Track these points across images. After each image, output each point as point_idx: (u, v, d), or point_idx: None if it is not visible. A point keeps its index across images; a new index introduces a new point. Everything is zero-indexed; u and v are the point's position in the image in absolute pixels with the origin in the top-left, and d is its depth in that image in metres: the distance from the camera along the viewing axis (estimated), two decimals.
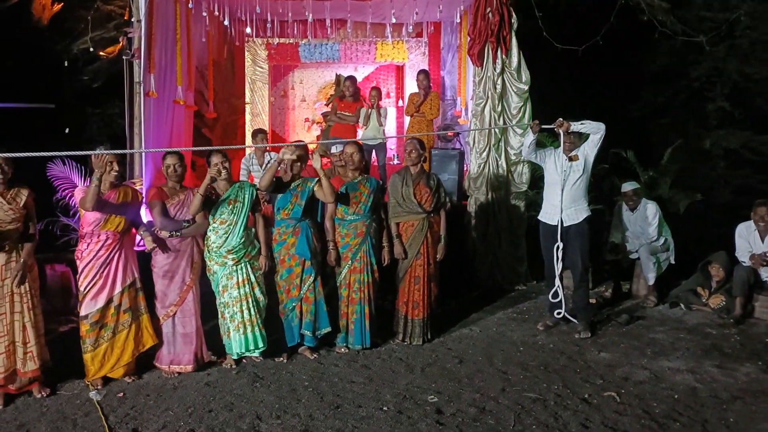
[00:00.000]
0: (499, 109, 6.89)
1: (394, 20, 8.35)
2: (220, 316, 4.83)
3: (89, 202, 4.25)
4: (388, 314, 5.46)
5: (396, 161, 9.45)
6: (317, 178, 4.95)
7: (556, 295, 5.58)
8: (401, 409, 4.05)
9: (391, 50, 10.00)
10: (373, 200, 5.12)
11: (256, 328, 4.81)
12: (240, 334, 4.76)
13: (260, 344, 4.83)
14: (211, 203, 4.69)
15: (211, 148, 7.33)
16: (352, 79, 8.19)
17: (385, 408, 4.07)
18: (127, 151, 6.55)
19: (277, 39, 9.63)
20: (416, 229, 5.23)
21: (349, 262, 5.08)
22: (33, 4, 9.41)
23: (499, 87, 6.85)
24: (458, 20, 8.35)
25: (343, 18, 8.45)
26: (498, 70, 6.81)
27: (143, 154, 6.77)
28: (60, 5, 9.56)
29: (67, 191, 6.19)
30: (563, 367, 4.81)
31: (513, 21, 6.80)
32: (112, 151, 4.46)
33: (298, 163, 4.90)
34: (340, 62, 10.13)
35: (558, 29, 8.42)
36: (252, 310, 4.80)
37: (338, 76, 9.06)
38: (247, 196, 4.79)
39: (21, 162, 4.12)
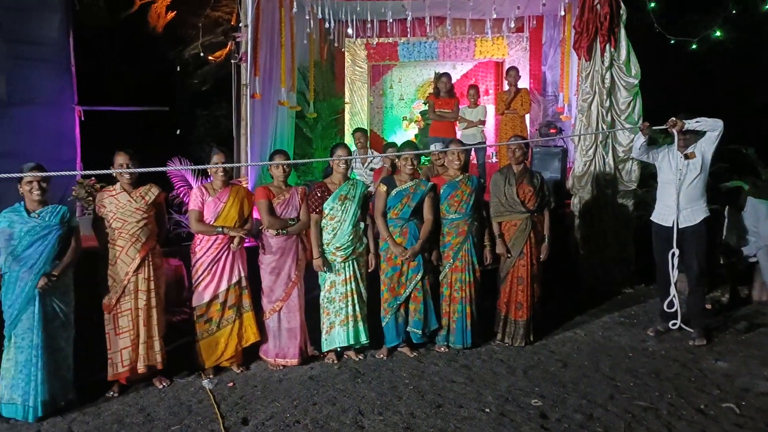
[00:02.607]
0: (607, 104, 6.61)
1: (494, 16, 8.22)
2: (322, 311, 4.93)
3: (198, 232, 4.64)
4: (488, 314, 5.38)
5: (494, 159, 9.32)
6: (432, 183, 5.02)
7: (671, 304, 5.27)
8: (504, 412, 3.98)
9: (491, 47, 9.85)
10: (474, 199, 5.06)
11: (360, 323, 4.89)
12: (345, 329, 4.85)
13: (363, 338, 4.92)
14: (322, 200, 4.83)
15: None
16: (447, 75, 8.16)
17: (487, 410, 4.02)
18: (235, 164, 6.82)
19: (376, 39, 9.72)
20: (519, 229, 5.13)
21: (451, 261, 5.05)
22: (149, 14, 10.00)
23: (607, 81, 6.57)
24: (562, 14, 8.11)
25: (443, 15, 8.41)
26: (606, 64, 6.54)
27: (249, 153, 7.06)
28: (173, 13, 10.10)
29: (181, 189, 6.49)
30: (676, 375, 4.56)
31: (622, 12, 6.52)
32: (226, 165, 4.73)
33: (410, 166, 4.93)
34: (438, 60, 10.10)
35: (669, 20, 8.02)
36: (357, 305, 4.88)
37: (436, 74, 9.06)
38: (358, 193, 4.88)
39: (143, 162, 4.38)
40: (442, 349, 5.10)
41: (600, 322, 5.80)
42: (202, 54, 10.07)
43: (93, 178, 5.79)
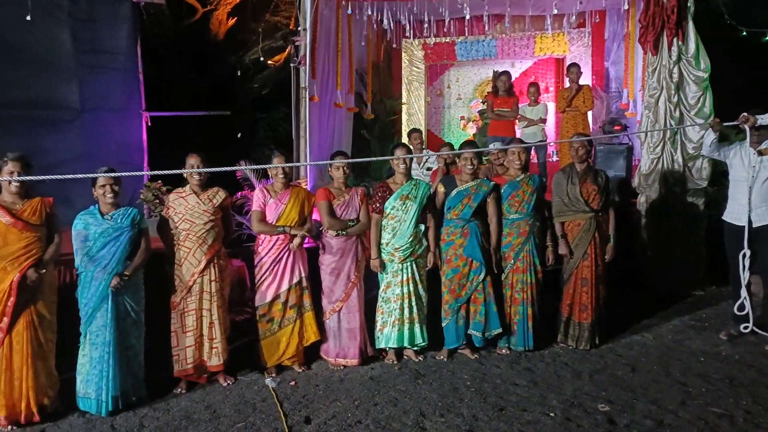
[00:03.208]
0: (675, 99, 6.37)
1: (555, 11, 8.05)
2: (377, 310, 4.93)
3: (260, 232, 4.71)
4: (550, 316, 5.26)
5: (555, 158, 9.13)
6: (494, 184, 4.95)
7: (742, 307, 5.05)
8: (569, 416, 3.89)
9: (551, 43, 9.68)
10: (536, 199, 4.97)
11: (416, 325, 4.86)
12: (397, 330, 4.83)
13: (418, 340, 4.88)
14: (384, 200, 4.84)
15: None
16: (506, 74, 8.07)
17: (551, 414, 3.93)
18: (295, 164, 6.92)
19: (433, 38, 9.68)
20: (583, 229, 5.00)
21: (512, 262, 4.97)
22: (211, 21, 10.27)
23: (675, 76, 6.34)
24: (626, 7, 7.87)
25: (501, 13, 8.29)
26: (674, 58, 6.31)
27: (307, 155, 7.14)
28: (234, 20, 10.34)
29: (246, 191, 6.60)
30: (752, 381, 4.36)
31: (689, 4, 6.28)
32: (285, 164, 4.78)
33: (471, 166, 4.89)
34: (497, 58, 10.00)
35: (740, 11, 7.69)
36: (414, 307, 4.85)
37: (494, 73, 8.96)
38: (420, 194, 4.85)
39: (212, 164, 4.48)
40: (504, 351, 5.02)
41: (669, 326, 5.60)
42: (261, 58, 10.27)
43: (160, 181, 5.97)
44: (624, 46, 8.72)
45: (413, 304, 4.84)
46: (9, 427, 3.83)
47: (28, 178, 3.73)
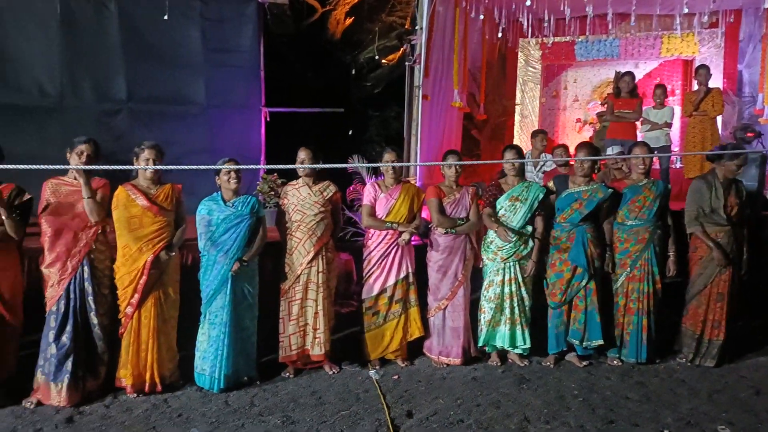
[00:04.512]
0: None
1: (685, 10, 7.59)
2: (479, 308, 4.89)
3: (369, 226, 4.78)
4: (666, 329, 4.98)
5: (678, 164, 8.63)
6: (611, 190, 4.75)
7: None
8: None
9: (679, 44, 9.15)
10: (658, 205, 4.72)
11: (518, 327, 4.76)
12: (494, 330, 4.79)
13: (519, 342, 4.78)
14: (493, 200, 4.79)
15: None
16: (630, 74, 7.69)
17: (665, 431, 3.72)
18: (405, 164, 6.94)
19: (552, 38, 9.42)
20: (722, 242, 4.70)
21: (628, 270, 4.76)
22: (329, 20, 10.55)
23: None
24: (765, 6, 7.30)
25: (626, 12, 7.93)
26: None
27: (417, 153, 7.17)
28: (351, 20, 10.56)
29: (356, 185, 6.72)
30: None
31: None
32: (396, 164, 4.83)
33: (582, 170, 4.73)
34: (619, 59, 9.58)
35: None
36: (516, 309, 4.75)
37: (616, 74, 8.59)
38: (531, 196, 4.75)
39: (324, 159, 4.64)
40: (615, 362, 4.82)
41: None
42: (376, 57, 10.42)
43: (275, 174, 6.21)
44: (761, 48, 8.09)
45: (515, 305, 4.75)
46: (134, 394, 4.13)
47: (162, 167, 4.09)
